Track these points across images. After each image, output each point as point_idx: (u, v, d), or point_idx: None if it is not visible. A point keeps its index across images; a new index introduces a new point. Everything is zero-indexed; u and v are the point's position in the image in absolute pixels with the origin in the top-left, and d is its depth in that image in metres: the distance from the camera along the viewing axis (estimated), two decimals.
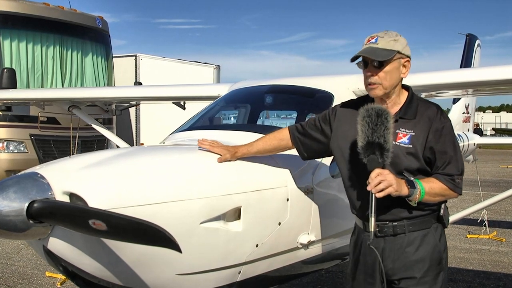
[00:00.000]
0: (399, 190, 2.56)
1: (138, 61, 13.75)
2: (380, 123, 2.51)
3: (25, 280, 5.92)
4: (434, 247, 2.76)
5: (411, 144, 2.69)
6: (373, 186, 2.51)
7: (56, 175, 2.57)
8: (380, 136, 2.50)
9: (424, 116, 2.73)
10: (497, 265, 6.74)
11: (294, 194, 3.24)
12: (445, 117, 2.77)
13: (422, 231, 2.76)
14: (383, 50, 2.70)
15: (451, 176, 2.68)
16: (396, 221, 2.75)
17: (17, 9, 10.30)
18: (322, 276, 5.99)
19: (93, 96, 6.92)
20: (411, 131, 2.71)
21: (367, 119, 2.53)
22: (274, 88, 4.46)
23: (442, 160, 2.69)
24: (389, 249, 2.76)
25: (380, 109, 2.55)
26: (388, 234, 2.76)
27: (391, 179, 2.52)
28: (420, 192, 2.61)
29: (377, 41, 2.72)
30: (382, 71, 2.71)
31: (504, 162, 23.30)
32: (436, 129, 2.70)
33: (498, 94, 5.11)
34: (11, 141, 10.10)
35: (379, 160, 2.53)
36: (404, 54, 2.75)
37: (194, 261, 2.80)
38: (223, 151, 3.05)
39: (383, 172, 2.52)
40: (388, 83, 2.73)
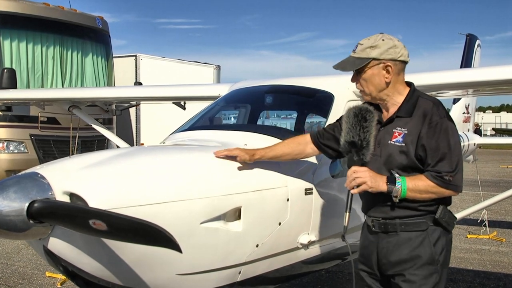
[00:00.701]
0: (375, 187, 2.64)
1: (138, 61, 13.74)
2: (356, 122, 2.64)
3: (25, 280, 5.92)
4: (427, 248, 2.72)
5: (404, 142, 2.70)
6: (348, 183, 2.66)
7: (57, 175, 2.57)
8: (355, 135, 2.63)
9: (420, 113, 2.72)
10: (497, 265, 6.73)
11: (294, 194, 3.25)
12: (441, 112, 2.71)
13: (416, 233, 2.73)
14: (357, 59, 2.78)
15: (439, 173, 2.62)
16: (387, 219, 2.79)
17: (17, 9, 10.29)
18: (322, 276, 5.98)
19: (93, 96, 6.92)
20: (405, 130, 2.71)
21: (346, 119, 2.71)
22: (274, 88, 4.46)
23: (434, 157, 2.64)
24: (381, 245, 2.83)
25: (359, 109, 2.68)
26: (380, 230, 2.82)
27: (366, 176, 2.62)
28: (401, 189, 2.62)
29: (356, 48, 2.80)
30: (361, 79, 2.82)
31: (504, 162, 23.30)
32: (429, 126, 2.66)
33: (498, 94, 5.11)
34: (11, 141, 10.09)
35: (354, 158, 2.66)
36: (383, 59, 2.74)
37: (194, 261, 2.80)
38: (241, 153, 3.08)
39: (358, 170, 2.64)
40: (369, 89, 2.81)
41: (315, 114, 4.94)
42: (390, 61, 2.76)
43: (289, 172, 3.29)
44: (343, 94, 3.94)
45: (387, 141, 2.74)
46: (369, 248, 2.90)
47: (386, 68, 2.76)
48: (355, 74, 2.84)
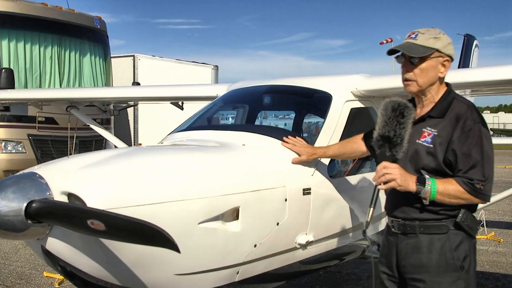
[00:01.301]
0: (404, 186, 2.54)
1: (136, 61, 13.73)
2: (393, 117, 2.52)
3: (23, 280, 5.91)
4: (447, 253, 2.63)
5: (432, 144, 2.62)
6: (377, 178, 2.56)
7: (55, 175, 2.57)
8: (391, 130, 2.52)
9: (453, 115, 2.63)
10: (495, 266, 6.74)
11: (292, 195, 3.25)
12: (475, 118, 2.61)
13: (437, 236, 2.65)
14: (421, 47, 2.63)
15: (471, 180, 2.54)
16: (407, 220, 2.71)
17: (15, 9, 10.28)
18: (320, 276, 5.99)
19: (91, 96, 6.92)
20: (435, 131, 2.63)
21: (383, 112, 2.58)
22: (272, 88, 4.46)
23: (465, 163, 2.55)
24: (401, 246, 2.74)
25: (397, 103, 2.55)
26: (399, 232, 2.74)
27: (396, 173, 2.52)
28: (431, 191, 2.53)
29: (417, 37, 2.67)
30: (417, 68, 2.65)
31: (502, 163, 23.31)
32: (462, 131, 2.57)
33: (496, 94, 5.11)
34: (9, 141, 10.08)
35: (387, 154, 2.55)
36: (444, 53, 2.67)
37: (192, 261, 2.80)
38: (302, 151, 3.24)
39: (389, 166, 2.53)
40: (423, 81, 2.67)
41: (313, 114, 4.94)
42: (448, 57, 2.69)
43: (287, 172, 3.29)
44: (341, 94, 3.95)
45: (415, 140, 2.65)
46: (389, 248, 2.81)
47: (443, 63, 2.69)
48: (408, 62, 2.67)
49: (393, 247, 2.77)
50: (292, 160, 3.31)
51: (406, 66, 2.69)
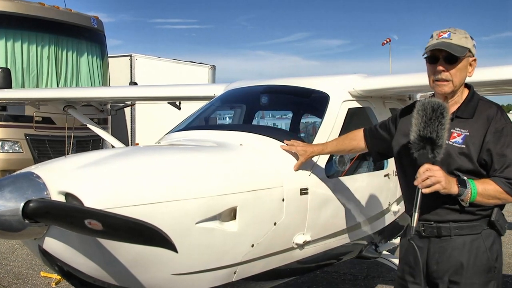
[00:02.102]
0: (448, 188, 2.47)
1: (134, 61, 13.72)
2: (435, 118, 2.44)
3: (20, 280, 5.90)
4: (483, 253, 2.62)
5: (464, 144, 2.59)
6: (420, 181, 2.46)
7: (52, 174, 2.57)
8: (433, 131, 2.43)
9: (482, 116, 2.63)
10: None
11: (289, 194, 3.25)
12: (506, 118, 2.63)
13: (470, 236, 2.63)
14: (458, 46, 2.60)
15: (509, 180, 2.53)
16: (441, 222, 2.66)
17: (12, 8, 10.25)
18: (317, 276, 5.99)
19: (88, 96, 6.92)
20: (466, 131, 2.61)
21: (421, 113, 2.47)
22: (269, 88, 4.46)
23: (501, 162, 2.55)
24: (433, 250, 2.68)
25: (437, 103, 2.47)
26: (432, 235, 2.68)
27: (440, 176, 2.44)
28: (471, 192, 2.50)
29: (450, 36, 2.62)
30: (455, 68, 2.61)
31: None
32: (495, 130, 2.58)
33: (494, 94, 5.11)
34: (6, 141, 10.05)
35: (429, 156, 2.47)
36: (472, 53, 2.67)
37: (189, 261, 2.80)
38: (300, 151, 3.27)
39: (432, 168, 2.45)
40: (458, 80, 2.65)
41: (311, 114, 4.95)
42: (474, 57, 2.69)
43: (285, 172, 3.29)
44: (338, 94, 3.96)
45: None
46: (415, 254, 2.67)
47: (471, 63, 2.69)
48: (443, 61, 2.61)
49: (423, 251, 2.69)
50: (294, 167, 3.32)
51: (441, 65, 2.62)
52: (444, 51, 2.60)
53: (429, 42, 2.69)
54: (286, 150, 3.39)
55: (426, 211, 2.64)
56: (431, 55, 2.65)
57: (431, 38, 2.69)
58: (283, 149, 3.39)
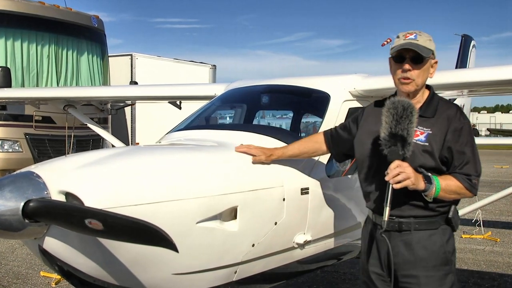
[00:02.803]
0: (416, 184, 2.58)
1: (134, 60, 13.72)
2: (405, 116, 2.54)
3: (19, 280, 5.90)
4: (440, 247, 2.76)
5: (428, 142, 2.70)
6: (391, 177, 2.54)
7: (52, 174, 2.56)
8: (404, 129, 2.53)
9: (443, 116, 2.76)
10: (492, 265, 6.76)
11: (290, 194, 3.25)
12: (464, 117, 2.79)
13: (429, 231, 2.76)
14: (424, 47, 2.72)
15: (468, 176, 2.69)
16: (403, 217, 2.76)
17: (12, 7, 10.25)
18: (317, 276, 5.99)
19: (89, 95, 6.90)
20: (429, 129, 2.72)
21: (392, 111, 2.57)
22: (270, 88, 4.46)
23: (460, 160, 2.69)
24: (394, 243, 2.77)
25: (407, 102, 2.58)
26: (393, 229, 2.78)
27: (410, 172, 2.55)
28: (436, 188, 2.62)
29: (417, 38, 2.73)
30: (420, 68, 2.74)
31: (499, 163, 23.36)
32: (455, 129, 2.71)
33: (493, 94, 5.12)
34: (6, 140, 10.05)
35: (399, 152, 2.55)
36: (435, 55, 2.81)
37: (190, 260, 2.79)
38: (258, 152, 3.16)
39: (402, 164, 2.55)
40: (421, 80, 2.77)
41: (311, 114, 4.95)
42: (436, 59, 2.84)
43: (285, 172, 3.29)
44: (339, 94, 3.95)
45: None
46: (379, 247, 2.85)
47: (433, 65, 2.83)
48: (409, 61, 2.73)
49: (384, 245, 2.79)
50: (252, 159, 3.16)
51: (408, 65, 2.74)
52: (411, 52, 2.72)
53: (395, 42, 2.81)
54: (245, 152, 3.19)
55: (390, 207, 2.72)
56: (398, 54, 2.76)
57: (398, 39, 2.81)
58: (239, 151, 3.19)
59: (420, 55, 2.71)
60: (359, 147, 2.99)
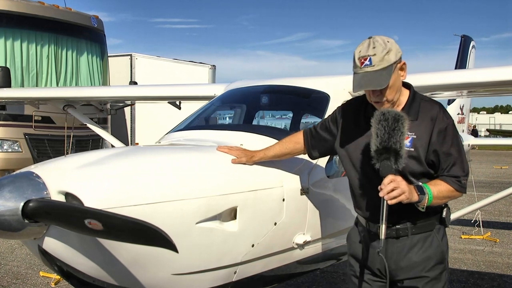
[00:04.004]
0: (410, 198, 2.50)
1: (134, 60, 13.72)
2: (397, 128, 2.43)
3: (19, 280, 5.89)
4: (437, 247, 2.75)
5: (413, 147, 2.61)
6: (386, 193, 2.44)
7: (52, 174, 2.56)
8: (397, 142, 2.43)
9: (426, 117, 2.65)
10: (491, 266, 6.77)
11: (290, 194, 3.25)
12: (447, 116, 2.69)
13: (425, 234, 2.74)
14: (382, 72, 2.54)
15: (457, 178, 2.64)
16: (399, 223, 2.72)
17: (12, 7, 10.25)
18: (317, 276, 5.99)
19: (88, 95, 6.90)
20: (413, 134, 2.61)
21: (383, 123, 2.44)
22: (270, 88, 4.46)
23: (447, 162, 2.63)
24: (391, 251, 2.73)
25: (397, 113, 2.46)
26: (391, 237, 2.73)
27: (404, 187, 2.46)
28: (428, 197, 2.56)
29: (372, 63, 2.54)
30: (387, 90, 2.60)
31: (498, 163, 23.39)
32: (439, 131, 2.62)
33: (493, 95, 5.12)
34: (5, 140, 10.05)
35: (393, 166, 2.46)
36: (398, 59, 2.62)
37: (190, 261, 2.79)
38: (239, 154, 3.09)
39: (396, 179, 2.45)
40: (393, 95, 2.64)
41: (311, 114, 4.94)
42: (402, 60, 2.66)
43: (285, 172, 3.29)
44: (339, 94, 3.95)
45: None
46: (373, 256, 2.78)
47: (402, 67, 2.66)
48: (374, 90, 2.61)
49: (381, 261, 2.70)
50: (232, 160, 3.07)
51: (376, 91, 2.61)
52: None
53: (353, 68, 2.64)
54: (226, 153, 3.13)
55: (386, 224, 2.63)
56: None
57: (354, 64, 2.62)
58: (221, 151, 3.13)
59: None
60: (344, 155, 2.89)
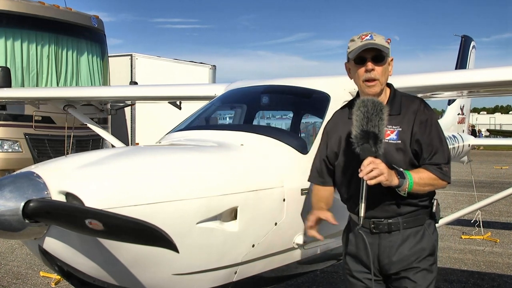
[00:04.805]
0: (390, 180, 2.60)
1: (134, 60, 13.72)
2: (376, 113, 2.56)
3: (19, 280, 5.89)
4: (429, 240, 2.84)
5: (400, 139, 2.75)
6: (365, 173, 2.55)
7: (52, 174, 2.56)
8: (375, 126, 2.55)
9: (408, 111, 2.80)
10: (491, 266, 6.76)
11: (290, 195, 3.25)
12: (428, 109, 2.85)
13: (416, 228, 2.83)
14: (383, 46, 2.76)
15: (438, 165, 2.75)
16: (391, 218, 2.81)
17: (12, 7, 10.25)
18: (317, 276, 6.00)
19: (88, 95, 6.90)
20: (398, 127, 2.77)
21: (362, 109, 2.59)
22: (270, 88, 4.46)
23: (428, 150, 2.75)
24: (384, 245, 2.82)
25: (376, 100, 2.62)
26: (383, 231, 2.82)
27: (383, 168, 2.57)
28: (409, 183, 2.66)
29: (373, 38, 2.76)
30: (381, 67, 2.78)
31: (499, 163, 23.38)
32: (420, 122, 2.76)
33: (493, 95, 5.13)
34: (6, 140, 10.05)
35: (372, 149, 2.57)
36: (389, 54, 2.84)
37: (190, 261, 2.80)
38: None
39: (375, 161, 2.57)
40: (384, 79, 2.83)
41: (311, 115, 4.94)
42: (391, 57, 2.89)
43: (285, 172, 3.29)
44: (339, 94, 3.95)
45: None
46: (366, 250, 2.81)
47: (390, 62, 2.89)
48: (372, 61, 2.77)
49: (374, 247, 2.82)
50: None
51: (370, 63, 2.76)
52: (371, 51, 2.75)
53: (351, 45, 2.82)
54: None
55: (375, 209, 2.78)
56: (359, 56, 2.78)
57: (353, 42, 2.81)
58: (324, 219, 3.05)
59: (381, 54, 2.75)
60: (331, 152, 2.99)
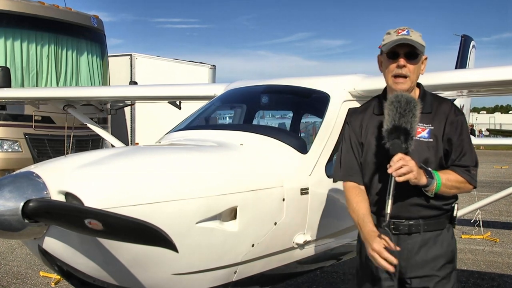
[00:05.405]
0: (418, 178, 2.52)
1: (134, 60, 13.72)
2: (409, 109, 2.50)
3: (19, 280, 5.89)
4: (448, 246, 2.76)
5: (432, 138, 2.69)
6: (394, 169, 2.47)
7: (52, 174, 2.56)
8: (407, 122, 2.49)
9: (440, 110, 2.75)
10: (491, 266, 6.76)
11: (290, 194, 3.25)
12: (459, 111, 2.80)
13: (436, 232, 2.75)
14: (418, 43, 2.66)
15: (467, 167, 2.68)
16: (412, 219, 2.72)
17: (12, 7, 10.25)
18: (317, 276, 5.99)
19: (88, 95, 6.90)
20: (429, 125, 2.71)
21: (395, 104, 2.52)
22: (270, 88, 4.46)
23: (457, 152, 2.69)
24: (402, 248, 2.67)
25: (410, 97, 2.55)
26: (403, 232, 2.73)
27: (413, 165, 2.48)
28: (437, 183, 2.58)
29: (409, 33, 2.67)
30: (414, 65, 2.69)
31: (498, 163, 23.37)
32: (451, 122, 2.71)
33: (493, 95, 5.12)
34: (5, 140, 10.05)
35: (402, 145, 2.50)
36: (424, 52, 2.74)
37: (190, 260, 2.80)
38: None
39: (405, 157, 2.49)
40: (415, 78, 2.73)
41: (311, 114, 4.95)
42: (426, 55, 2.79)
43: (285, 172, 3.29)
44: (339, 94, 3.95)
45: None
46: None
47: (424, 61, 2.79)
48: (405, 57, 2.67)
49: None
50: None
51: (403, 60, 2.67)
52: (405, 47, 2.66)
53: (386, 38, 2.72)
54: None
55: (399, 209, 2.68)
56: (392, 50, 2.69)
57: (389, 35, 2.72)
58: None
59: (415, 51, 2.66)
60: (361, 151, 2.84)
